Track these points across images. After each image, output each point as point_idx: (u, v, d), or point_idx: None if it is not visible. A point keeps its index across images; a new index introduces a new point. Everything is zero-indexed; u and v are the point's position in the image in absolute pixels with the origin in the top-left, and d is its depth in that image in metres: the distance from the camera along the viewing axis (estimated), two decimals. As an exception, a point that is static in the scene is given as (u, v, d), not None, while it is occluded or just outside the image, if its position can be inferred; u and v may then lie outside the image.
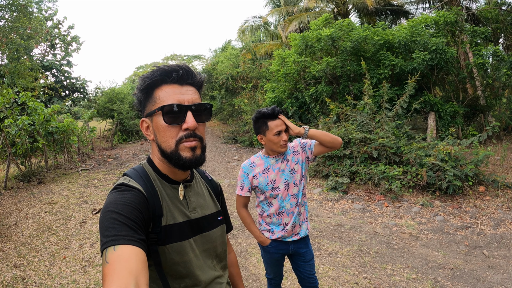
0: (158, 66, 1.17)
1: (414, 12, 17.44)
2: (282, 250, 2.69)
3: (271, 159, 2.59)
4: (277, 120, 2.47)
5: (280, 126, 2.46)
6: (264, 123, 2.50)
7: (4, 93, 9.23)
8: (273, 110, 2.47)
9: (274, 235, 2.64)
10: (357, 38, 10.18)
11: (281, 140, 2.46)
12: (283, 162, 2.58)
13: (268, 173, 2.57)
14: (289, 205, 2.59)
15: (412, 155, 7.11)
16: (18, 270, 4.50)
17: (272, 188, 2.56)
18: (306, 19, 17.09)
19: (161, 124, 1.14)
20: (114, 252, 0.91)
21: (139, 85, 1.18)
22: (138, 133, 21.70)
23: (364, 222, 5.92)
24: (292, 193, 2.58)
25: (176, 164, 1.16)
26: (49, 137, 10.50)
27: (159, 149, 1.18)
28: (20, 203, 7.57)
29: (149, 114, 1.17)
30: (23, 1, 9.18)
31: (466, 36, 11.35)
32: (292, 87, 13.00)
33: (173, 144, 1.14)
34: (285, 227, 2.61)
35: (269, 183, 2.56)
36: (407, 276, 4.07)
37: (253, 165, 2.63)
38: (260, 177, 2.57)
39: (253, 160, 2.66)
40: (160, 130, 1.15)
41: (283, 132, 2.47)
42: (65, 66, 20.56)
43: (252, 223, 2.70)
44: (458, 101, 11.04)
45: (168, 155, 1.15)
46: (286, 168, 2.57)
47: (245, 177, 2.63)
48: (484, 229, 5.38)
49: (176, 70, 1.15)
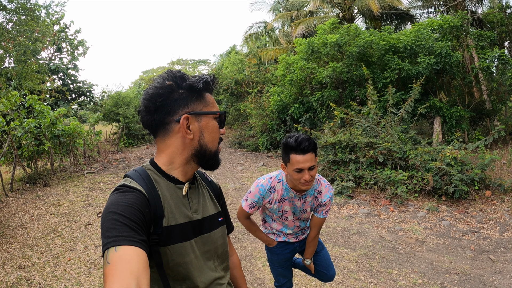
0: (203, 74, 1.26)
1: (419, 16, 17.45)
2: (289, 249, 2.65)
3: (291, 193, 2.34)
4: (303, 155, 2.09)
5: (303, 163, 2.08)
6: (287, 153, 2.16)
7: (11, 96, 9.29)
8: (299, 144, 2.09)
9: (280, 238, 2.62)
10: (363, 43, 10.19)
11: (301, 178, 2.13)
12: (301, 200, 2.38)
13: (284, 203, 2.39)
14: (292, 231, 2.59)
15: (418, 160, 7.07)
16: (23, 271, 4.51)
17: (281, 216, 2.48)
18: (312, 23, 17.11)
19: (214, 125, 1.24)
20: (116, 253, 0.92)
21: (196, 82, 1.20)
22: (144, 137, 21.76)
23: (370, 227, 5.88)
24: (298, 224, 2.55)
25: (213, 163, 1.27)
26: (55, 140, 10.55)
27: (199, 148, 1.22)
28: (25, 205, 7.61)
29: (200, 113, 1.21)
30: (31, 5, 9.27)
31: (471, 40, 11.32)
32: (298, 92, 13.02)
33: (216, 145, 1.27)
34: (287, 237, 2.63)
35: (281, 211, 2.44)
36: (413, 281, 4.04)
37: (273, 190, 2.36)
38: (274, 204, 2.39)
39: (273, 184, 2.36)
40: (212, 131, 1.24)
41: (306, 170, 2.11)
42: (72, 70, 20.68)
43: (258, 230, 2.61)
44: (464, 105, 11.01)
45: (211, 154, 1.24)
46: (300, 206, 2.41)
47: (259, 199, 2.37)
48: (490, 233, 5.33)
49: (214, 81, 1.27)
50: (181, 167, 1.23)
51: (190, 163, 1.24)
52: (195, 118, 1.20)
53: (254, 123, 15.58)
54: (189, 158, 1.22)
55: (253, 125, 15.85)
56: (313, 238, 2.53)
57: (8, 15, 8.98)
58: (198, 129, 1.20)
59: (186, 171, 1.24)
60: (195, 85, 1.19)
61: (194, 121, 1.20)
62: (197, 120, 1.20)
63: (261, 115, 15.01)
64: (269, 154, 13.81)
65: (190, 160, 1.23)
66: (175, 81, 1.19)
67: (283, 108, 13.67)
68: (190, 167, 1.25)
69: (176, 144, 1.21)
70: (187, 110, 1.19)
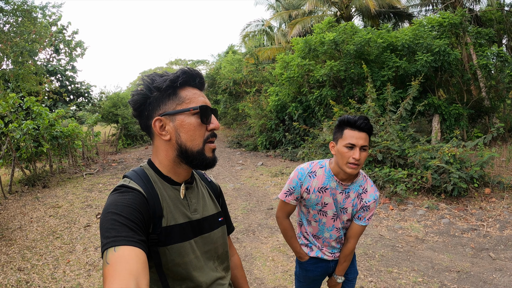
0: (182, 67, 1.20)
1: (417, 14, 17.46)
2: (321, 268, 2.31)
3: (333, 182, 2.08)
4: (358, 132, 1.93)
5: (357, 139, 1.92)
6: (341, 129, 2.00)
7: (8, 98, 9.27)
8: (357, 120, 1.94)
9: (313, 252, 2.28)
10: (361, 41, 10.19)
11: (351, 156, 1.92)
12: (343, 194, 2.10)
13: (324, 194, 2.09)
14: (329, 235, 2.21)
15: (417, 158, 7.07)
16: (22, 273, 4.49)
17: (319, 211, 2.14)
18: (309, 23, 17.13)
19: (191, 123, 1.17)
20: (115, 253, 0.92)
21: (161, 83, 1.17)
22: (143, 137, 21.72)
23: (369, 226, 5.88)
24: (338, 226, 2.18)
25: (199, 163, 1.19)
26: (53, 142, 10.53)
27: (179, 149, 1.18)
28: (24, 207, 7.59)
29: (172, 113, 1.17)
30: (28, 7, 9.25)
31: (470, 37, 11.32)
32: (296, 91, 13.03)
33: (201, 143, 1.18)
34: (321, 250, 2.28)
35: (320, 204, 2.12)
36: (413, 280, 4.03)
37: (313, 175, 2.11)
38: (313, 193, 2.10)
39: (314, 169, 2.13)
40: (188, 129, 1.17)
41: (358, 148, 1.92)
42: (70, 71, 20.66)
43: (294, 237, 2.29)
44: (463, 103, 11.01)
45: (193, 154, 1.18)
46: (341, 202, 2.11)
47: (297, 184, 2.12)
48: (490, 231, 5.33)
49: (200, 75, 1.22)
50: (172, 168, 1.22)
51: (180, 164, 1.21)
52: (169, 118, 1.18)
53: (252, 123, 15.59)
54: (176, 159, 1.20)
55: (252, 125, 15.85)
56: (350, 251, 2.21)
57: (5, 17, 8.96)
58: (173, 130, 1.18)
59: (178, 172, 1.23)
60: (160, 86, 1.17)
61: (169, 121, 1.18)
62: (171, 120, 1.18)
63: (259, 114, 15.01)
64: (268, 154, 13.80)
65: (177, 161, 1.21)
66: (146, 85, 1.19)
67: (281, 107, 13.67)
68: (181, 168, 1.23)
69: (160, 147, 1.22)
70: (159, 112, 1.18)
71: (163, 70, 1.73)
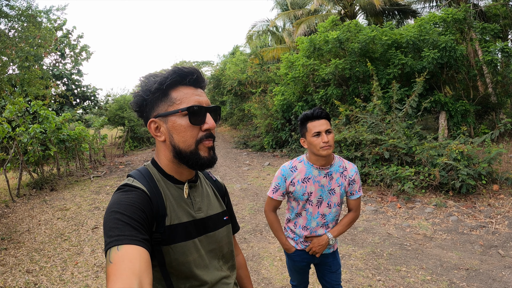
0: (173, 67, 1.19)
1: (421, 11, 17.33)
2: (307, 259, 2.52)
3: (314, 169, 2.34)
4: (317, 120, 2.25)
5: (319, 126, 2.22)
6: (304, 125, 2.30)
7: (16, 102, 9.34)
8: (314, 111, 2.26)
9: (298, 245, 2.50)
10: (365, 39, 10.14)
11: (320, 142, 2.21)
12: (326, 177, 2.35)
13: (308, 183, 2.34)
14: (315, 224, 2.41)
15: (424, 155, 7.02)
16: (31, 275, 4.52)
17: (307, 200, 2.36)
18: (314, 22, 17.10)
19: (182, 124, 1.15)
20: (118, 252, 0.92)
21: (151, 85, 1.16)
22: (149, 139, 21.84)
23: (377, 224, 5.85)
24: (322, 212, 2.39)
25: (194, 164, 1.18)
26: (60, 145, 10.61)
27: (173, 150, 1.17)
28: (32, 210, 7.64)
29: (164, 115, 1.17)
30: (33, 11, 9.31)
31: (475, 33, 11.22)
32: (301, 90, 13.01)
33: (193, 144, 1.16)
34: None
35: (306, 194, 2.34)
36: (422, 278, 4.00)
37: (294, 169, 2.38)
38: (298, 185, 2.35)
39: (294, 164, 2.41)
40: (180, 131, 1.15)
41: (323, 133, 2.22)
42: (76, 75, 20.80)
43: (279, 230, 2.53)
44: (469, 99, 10.91)
45: (187, 155, 1.16)
46: (326, 185, 2.35)
47: (281, 181, 2.39)
48: (499, 228, 5.28)
49: (192, 73, 1.18)
50: (173, 168, 1.22)
51: (180, 164, 1.21)
52: (162, 120, 1.18)
53: (259, 123, 15.59)
54: (173, 160, 1.20)
55: (258, 125, 15.86)
56: (350, 219, 2.46)
57: (10, 22, 9.03)
58: (166, 131, 1.18)
59: (180, 171, 1.23)
60: (150, 88, 1.17)
61: (162, 123, 1.18)
62: (164, 121, 1.18)
63: (265, 115, 15.01)
64: (275, 154, 13.79)
65: (176, 161, 1.20)
66: (141, 87, 1.20)
67: (287, 107, 13.66)
68: (182, 168, 1.22)
69: (159, 147, 1.23)
70: (154, 114, 1.19)
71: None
